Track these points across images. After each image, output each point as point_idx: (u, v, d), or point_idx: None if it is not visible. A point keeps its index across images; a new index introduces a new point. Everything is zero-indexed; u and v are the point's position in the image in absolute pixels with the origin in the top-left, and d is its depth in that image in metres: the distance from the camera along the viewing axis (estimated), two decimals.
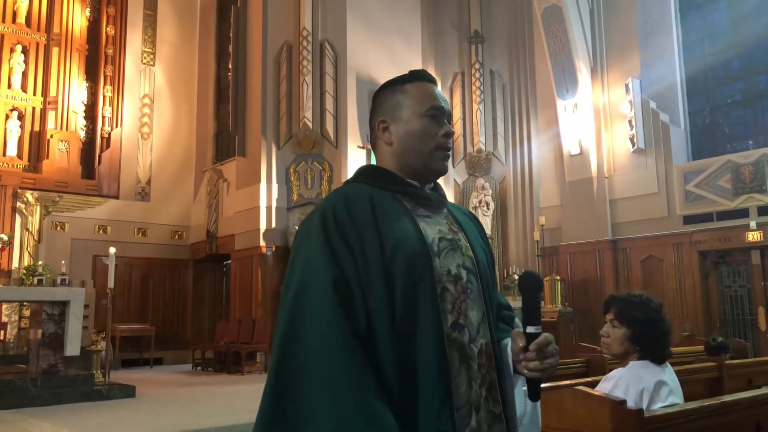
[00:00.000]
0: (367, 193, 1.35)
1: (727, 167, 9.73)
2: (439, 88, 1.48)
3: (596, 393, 2.15)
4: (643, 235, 10.47)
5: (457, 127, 12.75)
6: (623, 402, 2.02)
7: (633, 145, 10.64)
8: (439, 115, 1.42)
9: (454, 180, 12.62)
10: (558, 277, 10.67)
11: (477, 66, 12.75)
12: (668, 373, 2.36)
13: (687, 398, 2.38)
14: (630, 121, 10.66)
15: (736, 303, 9.83)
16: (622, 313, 2.42)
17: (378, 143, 1.46)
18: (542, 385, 1.45)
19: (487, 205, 12.22)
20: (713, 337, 6.14)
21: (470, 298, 1.33)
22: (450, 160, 10.16)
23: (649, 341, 2.35)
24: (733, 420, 2.31)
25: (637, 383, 2.25)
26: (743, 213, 9.51)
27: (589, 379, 2.93)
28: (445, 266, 1.32)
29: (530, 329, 1.26)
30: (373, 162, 1.51)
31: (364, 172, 1.46)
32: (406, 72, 1.50)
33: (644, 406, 2.16)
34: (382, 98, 1.47)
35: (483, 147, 12.52)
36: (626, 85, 10.73)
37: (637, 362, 2.35)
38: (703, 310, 9.83)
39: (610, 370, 2.55)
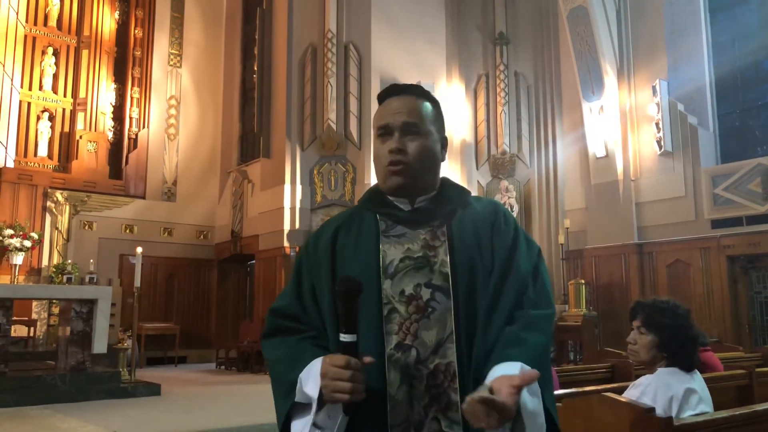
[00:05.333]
0: (338, 223, 1.51)
1: (758, 170, 9.55)
2: (399, 98, 1.47)
3: (624, 400, 2.13)
4: (669, 239, 10.33)
5: (481, 129, 12.70)
6: (652, 410, 2.00)
7: (660, 147, 10.49)
8: (385, 133, 1.45)
9: (478, 182, 12.56)
10: (582, 281, 10.57)
11: (501, 68, 12.68)
12: (697, 381, 2.33)
13: (716, 407, 2.35)
14: (657, 124, 10.52)
15: (766, 309, 9.65)
16: (649, 320, 2.40)
17: None
18: (562, 392, 1.43)
19: (511, 207, 12.15)
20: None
21: (429, 318, 1.33)
22: (474, 161, 9.99)
23: (677, 348, 2.32)
24: (764, 430, 2.27)
25: (665, 391, 2.22)
26: None
27: (616, 385, 2.90)
28: (399, 287, 1.36)
29: (344, 337, 1.25)
30: None
31: (364, 194, 1.56)
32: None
33: (673, 414, 2.14)
34: None
35: (507, 149, 12.45)
36: (653, 87, 10.59)
37: (666, 369, 2.32)
38: (731, 315, 9.66)
39: (638, 376, 2.52)
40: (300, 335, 1.43)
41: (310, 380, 1.30)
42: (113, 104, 13.52)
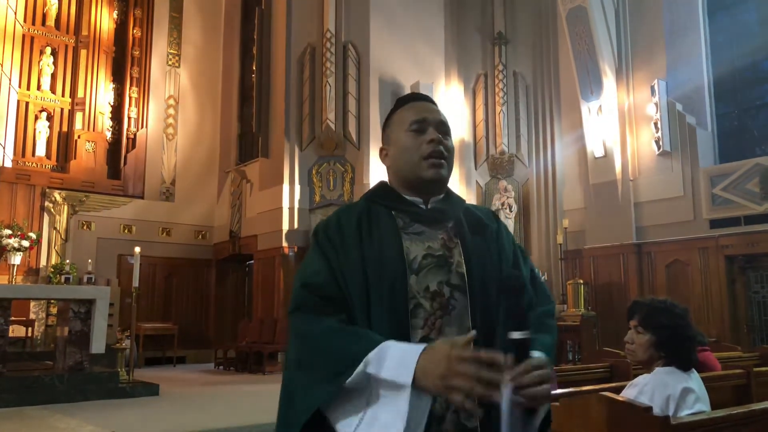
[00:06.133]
0: (358, 212, 1.47)
1: (756, 170, 9.56)
2: (428, 103, 1.56)
3: (622, 399, 2.13)
4: (668, 239, 10.34)
5: (480, 129, 12.70)
6: (649, 408, 2.00)
7: (658, 147, 10.50)
8: (422, 126, 1.49)
9: (477, 182, 12.57)
10: (581, 281, 10.57)
11: (500, 68, 12.69)
12: (695, 380, 2.33)
13: (713, 406, 2.35)
14: (655, 124, 10.53)
15: (764, 309, 9.66)
16: (646, 320, 2.40)
17: (387, 170, 1.57)
18: (561, 391, 1.46)
19: (510, 207, 12.15)
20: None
21: (450, 315, 1.38)
22: (472, 161, 10.03)
23: (675, 347, 2.33)
24: (761, 429, 2.27)
25: (663, 390, 2.22)
26: None
27: (614, 384, 2.90)
28: (424, 283, 1.39)
29: (516, 335, 1.17)
30: None
31: (371, 190, 1.58)
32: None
33: (670, 413, 2.14)
34: (383, 130, 1.61)
35: (506, 149, 12.45)
36: (652, 87, 10.60)
37: (663, 368, 2.32)
38: (729, 315, 9.67)
39: (635, 376, 2.52)
40: (337, 318, 1.34)
41: (390, 363, 1.20)
42: (111, 104, 13.50)
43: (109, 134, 13.34)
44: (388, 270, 1.38)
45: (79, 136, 12.64)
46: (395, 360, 1.20)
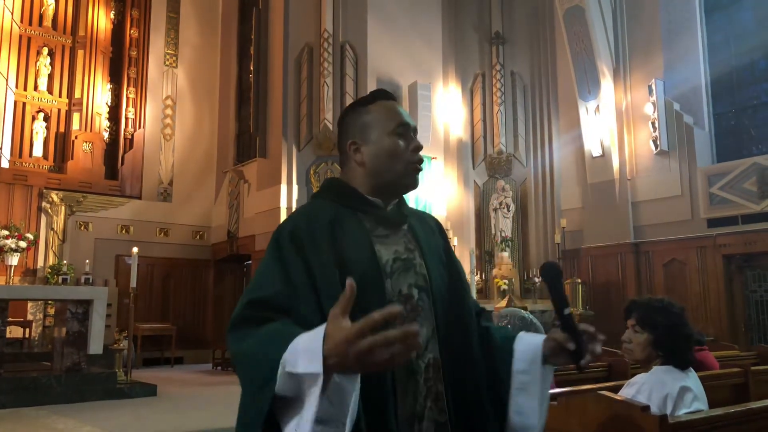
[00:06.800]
0: (328, 214, 1.43)
1: (753, 170, 9.57)
2: (399, 104, 1.56)
3: (619, 398, 2.13)
4: (665, 238, 10.35)
5: (478, 129, 12.71)
6: (647, 407, 2.00)
7: (656, 147, 10.52)
8: (406, 131, 1.49)
9: (474, 182, 12.57)
10: (579, 280, 10.58)
11: (498, 67, 12.69)
12: (692, 379, 2.34)
13: (711, 405, 2.35)
14: (653, 123, 10.54)
15: (761, 308, 9.67)
16: (643, 319, 2.40)
17: (349, 164, 1.52)
18: (559, 390, 1.61)
19: (508, 207, 12.15)
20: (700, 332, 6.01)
21: (421, 316, 1.41)
22: (470, 161, 10.02)
23: (672, 346, 2.33)
24: (759, 427, 2.27)
25: (660, 389, 2.23)
26: None
27: (612, 383, 2.90)
28: (397, 287, 1.41)
29: (567, 311, 1.39)
30: None
31: (330, 188, 1.54)
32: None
33: (668, 412, 2.14)
34: (348, 121, 1.53)
35: (503, 149, 12.45)
36: (649, 87, 10.61)
37: (661, 367, 2.32)
38: (727, 314, 9.68)
39: (633, 375, 2.52)
40: (273, 323, 1.28)
41: (302, 356, 1.09)
42: (109, 104, 13.48)
43: (106, 135, 13.32)
44: (367, 275, 1.35)
45: (76, 137, 12.61)
46: (305, 352, 1.09)
